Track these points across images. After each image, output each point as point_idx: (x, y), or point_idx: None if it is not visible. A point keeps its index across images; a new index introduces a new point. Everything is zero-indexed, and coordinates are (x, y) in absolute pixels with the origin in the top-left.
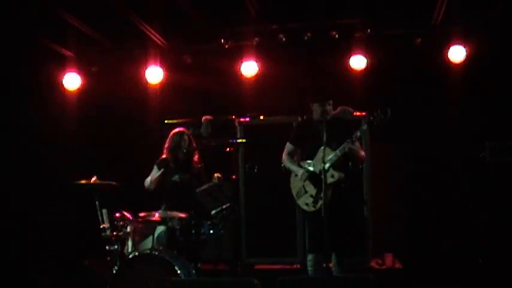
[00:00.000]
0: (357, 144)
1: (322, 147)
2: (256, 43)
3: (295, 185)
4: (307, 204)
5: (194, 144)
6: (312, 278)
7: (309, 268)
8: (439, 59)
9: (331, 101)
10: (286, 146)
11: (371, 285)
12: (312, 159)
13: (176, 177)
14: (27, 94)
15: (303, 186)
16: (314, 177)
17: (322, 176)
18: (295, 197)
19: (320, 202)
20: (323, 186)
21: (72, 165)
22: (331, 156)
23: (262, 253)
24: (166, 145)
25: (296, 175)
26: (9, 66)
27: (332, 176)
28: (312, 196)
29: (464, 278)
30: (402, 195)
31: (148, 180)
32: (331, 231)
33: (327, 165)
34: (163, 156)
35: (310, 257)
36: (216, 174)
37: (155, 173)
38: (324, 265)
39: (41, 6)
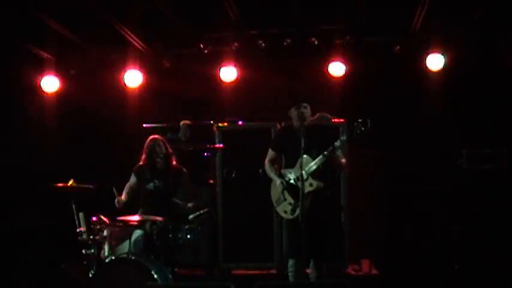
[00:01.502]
0: (339, 152)
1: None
2: (235, 48)
3: (275, 192)
4: (285, 212)
5: (170, 150)
6: (289, 283)
7: (290, 273)
8: (417, 66)
9: (306, 104)
10: (268, 153)
11: None
12: (292, 167)
13: (151, 186)
14: (4, 96)
15: (282, 194)
16: (292, 187)
17: (300, 184)
18: (275, 204)
19: (298, 210)
20: (300, 195)
21: (50, 168)
22: (310, 165)
23: (239, 258)
24: (142, 152)
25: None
26: None
27: (310, 185)
28: (290, 204)
29: (440, 284)
30: (379, 202)
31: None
32: (309, 237)
33: (306, 174)
34: (140, 163)
35: (291, 262)
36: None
37: (133, 181)
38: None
39: (20, 8)
